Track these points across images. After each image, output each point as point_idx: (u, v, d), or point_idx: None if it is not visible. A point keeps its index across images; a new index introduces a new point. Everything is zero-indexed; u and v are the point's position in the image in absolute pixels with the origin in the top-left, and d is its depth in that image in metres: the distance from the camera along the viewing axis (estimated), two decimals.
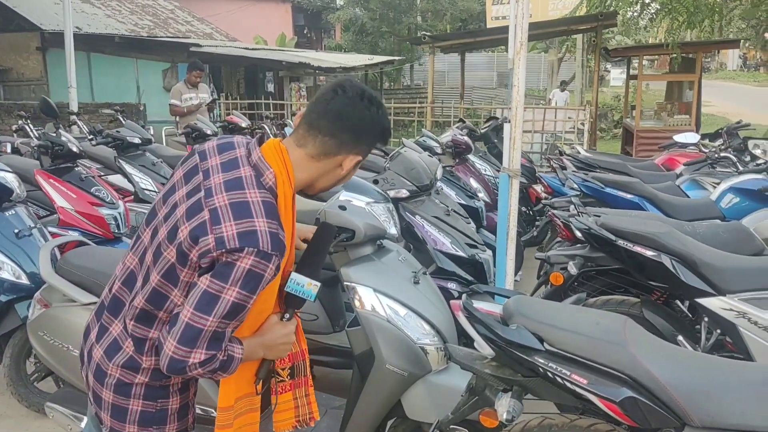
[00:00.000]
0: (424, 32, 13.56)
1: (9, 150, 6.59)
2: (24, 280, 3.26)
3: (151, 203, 5.04)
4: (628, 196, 4.16)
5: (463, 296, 1.95)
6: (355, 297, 2.31)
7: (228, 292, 1.42)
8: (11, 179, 3.38)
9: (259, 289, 1.47)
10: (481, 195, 5.07)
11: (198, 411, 2.45)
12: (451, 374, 2.34)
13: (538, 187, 5.64)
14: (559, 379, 1.81)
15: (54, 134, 4.37)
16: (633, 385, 1.75)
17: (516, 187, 2.80)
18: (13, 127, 9.07)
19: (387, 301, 2.30)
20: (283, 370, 1.80)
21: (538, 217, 5.62)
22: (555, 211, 3.53)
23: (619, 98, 18.97)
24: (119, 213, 4.37)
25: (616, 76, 30.70)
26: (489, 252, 3.46)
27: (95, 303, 2.63)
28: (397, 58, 20.35)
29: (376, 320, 2.28)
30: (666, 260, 2.70)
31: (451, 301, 1.96)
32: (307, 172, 1.59)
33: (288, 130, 7.39)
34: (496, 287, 2.39)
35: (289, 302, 1.67)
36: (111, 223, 4.29)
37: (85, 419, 2.71)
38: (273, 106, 12.29)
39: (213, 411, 2.44)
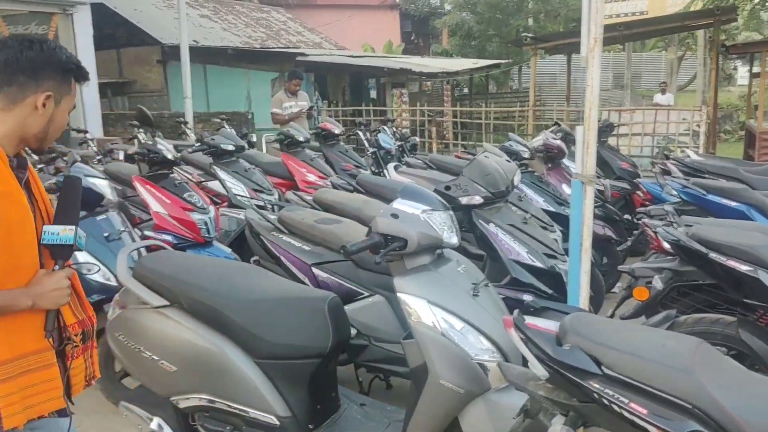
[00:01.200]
0: (525, 34, 13.18)
1: (121, 157, 7.03)
2: (113, 281, 3.42)
3: (243, 208, 5.24)
4: (733, 203, 3.79)
5: (515, 312, 1.82)
6: (408, 308, 2.23)
7: None
8: (103, 185, 3.58)
9: None
10: None
11: (236, 409, 2.47)
12: (514, 393, 2.20)
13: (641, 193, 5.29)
14: (616, 407, 1.65)
15: (151, 142, 4.59)
16: (699, 416, 1.55)
17: (590, 195, 2.60)
18: (139, 136, 9.78)
19: (442, 313, 2.20)
20: (76, 336, 1.83)
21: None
22: (647, 220, 3.27)
23: (745, 98, 17.56)
24: (209, 218, 4.52)
25: (744, 74, 28.44)
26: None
27: (165, 306, 2.75)
28: (503, 61, 19.95)
29: (430, 333, 2.18)
30: (763, 276, 2.41)
31: (503, 317, 1.83)
32: (4, 124, 1.68)
33: (381, 136, 7.40)
34: (554, 303, 2.22)
35: (54, 254, 1.74)
36: (202, 227, 4.44)
37: (156, 420, 2.81)
38: (375, 113, 12.40)
39: (250, 410, 2.45)
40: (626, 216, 5.69)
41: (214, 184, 5.79)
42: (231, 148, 5.44)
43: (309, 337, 2.52)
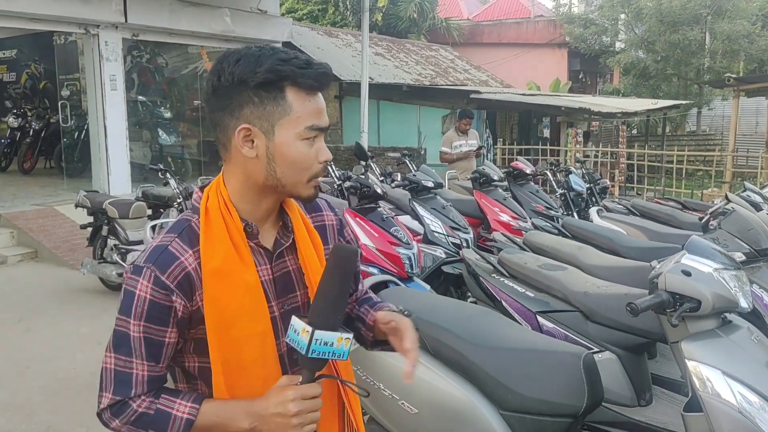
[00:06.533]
0: (729, 74, 12.24)
1: None
2: None
3: (439, 245, 5.22)
4: None
5: None
6: (698, 378, 2.00)
7: (114, 320, 1.25)
8: None
9: (142, 313, 1.20)
10: None
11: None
12: None
13: None
14: None
15: (363, 176, 4.71)
16: None
17: None
18: None
19: (739, 387, 1.94)
20: None
21: None
22: None
23: None
24: (413, 254, 4.53)
25: None
26: None
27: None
28: (683, 102, 18.77)
29: (726, 410, 1.93)
30: None
31: None
32: (232, 179, 1.29)
33: (572, 177, 7.13)
34: None
35: (306, 363, 1.20)
36: (406, 262, 4.46)
37: None
38: (550, 152, 12.08)
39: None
40: None
41: (405, 219, 5.84)
42: (431, 184, 5.46)
43: (562, 394, 2.35)
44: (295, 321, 1.18)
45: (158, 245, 1.25)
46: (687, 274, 2.04)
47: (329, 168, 8.50)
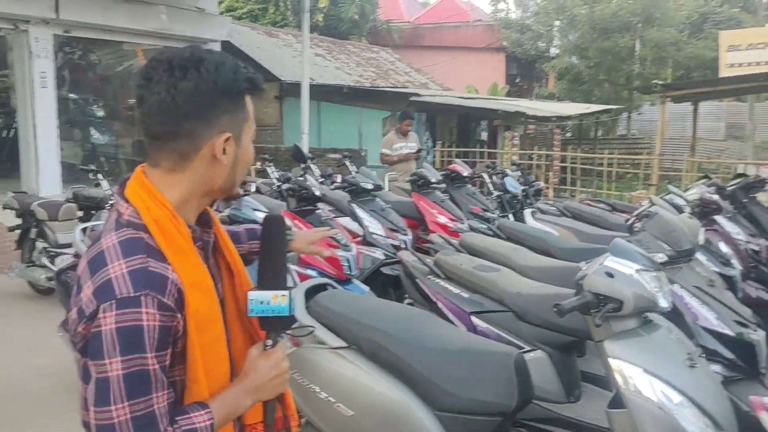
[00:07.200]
0: (656, 81, 12.77)
1: (253, 189, 7.27)
2: None
3: (378, 247, 5.25)
4: None
5: None
6: (620, 376, 2.08)
7: (112, 367, 1.10)
8: None
9: (154, 343, 1.13)
10: (734, 262, 4.48)
11: None
12: None
13: None
14: None
15: (301, 178, 4.70)
16: None
17: None
18: (253, 168, 10.13)
19: (660, 385, 2.04)
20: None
21: None
22: None
23: None
24: (352, 256, 4.54)
25: None
26: (762, 333, 2.99)
27: (343, 347, 2.72)
28: (614, 107, 19.46)
29: (647, 406, 2.02)
30: None
31: (751, 397, 1.66)
32: (178, 187, 1.25)
33: (508, 180, 7.29)
34: None
35: (266, 327, 1.34)
36: (344, 264, 4.47)
37: None
38: (486, 155, 12.31)
39: None
40: None
41: (345, 221, 5.85)
42: (370, 186, 5.48)
43: (494, 393, 2.41)
44: (253, 294, 1.32)
45: (137, 269, 1.15)
46: (610, 275, 2.12)
47: (267, 169, 8.44)
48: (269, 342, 1.34)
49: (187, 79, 1.19)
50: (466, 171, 6.78)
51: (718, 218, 4.99)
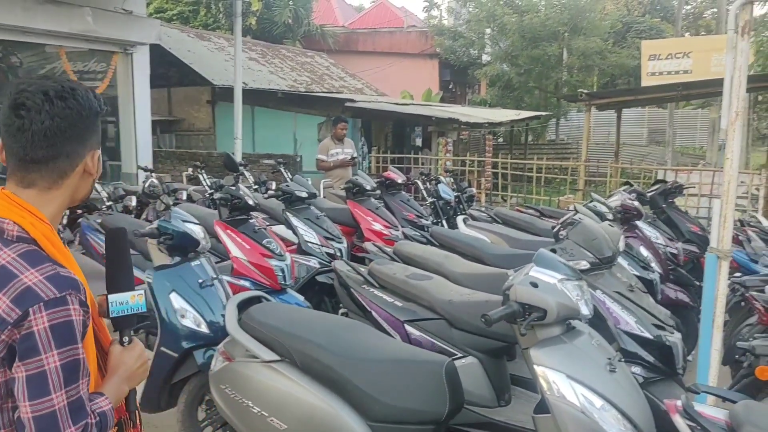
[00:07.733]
0: (581, 89, 13.25)
1: (184, 197, 7.11)
2: (204, 328, 3.39)
3: (313, 255, 5.24)
4: None
5: (683, 396, 1.75)
6: (545, 382, 2.16)
7: (49, 360, 1.24)
8: (198, 231, 3.58)
9: (79, 335, 1.30)
10: (653, 265, 4.71)
11: None
12: None
13: None
14: None
15: (233, 187, 4.63)
16: None
17: (725, 270, 2.53)
18: (184, 174, 9.91)
19: (582, 389, 2.12)
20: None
21: None
22: (755, 293, 3.18)
23: None
24: (286, 265, 4.51)
25: None
26: (678, 335, 3.16)
27: (276, 361, 2.71)
28: (543, 113, 20.05)
29: (569, 410, 2.11)
30: None
31: (666, 401, 1.76)
32: (54, 203, 1.41)
33: (441, 186, 7.40)
34: (714, 388, 2.15)
35: (120, 325, 1.53)
36: (279, 274, 4.43)
37: None
38: (421, 161, 12.44)
39: None
40: (697, 283, 5.56)
41: (279, 229, 5.80)
42: (304, 195, 5.46)
43: (426, 401, 2.46)
44: (112, 297, 1.50)
45: (52, 274, 1.29)
46: (534, 285, 2.20)
47: (200, 176, 8.28)
48: (126, 338, 1.53)
49: (68, 107, 1.35)
50: (400, 178, 6.84)
51: (639, 224, 5.23)
